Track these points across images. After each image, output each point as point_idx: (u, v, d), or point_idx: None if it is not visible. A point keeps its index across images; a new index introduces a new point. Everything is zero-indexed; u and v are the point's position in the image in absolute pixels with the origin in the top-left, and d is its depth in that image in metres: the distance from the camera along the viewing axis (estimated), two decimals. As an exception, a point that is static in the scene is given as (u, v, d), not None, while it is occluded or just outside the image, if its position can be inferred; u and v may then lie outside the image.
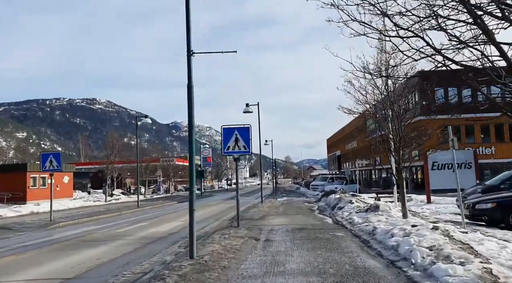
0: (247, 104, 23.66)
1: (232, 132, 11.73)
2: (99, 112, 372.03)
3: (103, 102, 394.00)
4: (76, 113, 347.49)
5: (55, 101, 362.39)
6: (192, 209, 7.24)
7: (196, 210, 20.10)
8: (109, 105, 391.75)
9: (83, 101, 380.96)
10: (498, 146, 38.55)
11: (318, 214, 16.74)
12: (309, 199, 31.33)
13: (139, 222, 16.08)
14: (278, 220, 14.03)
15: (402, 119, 12.60)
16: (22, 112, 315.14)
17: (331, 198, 20.30)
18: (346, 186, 39.24)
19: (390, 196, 22.59)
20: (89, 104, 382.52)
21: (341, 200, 17.57)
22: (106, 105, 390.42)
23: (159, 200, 36.56)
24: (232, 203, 29.27)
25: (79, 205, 27.14)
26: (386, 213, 12.73)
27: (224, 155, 11.89)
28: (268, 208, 19.88)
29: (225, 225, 13.53)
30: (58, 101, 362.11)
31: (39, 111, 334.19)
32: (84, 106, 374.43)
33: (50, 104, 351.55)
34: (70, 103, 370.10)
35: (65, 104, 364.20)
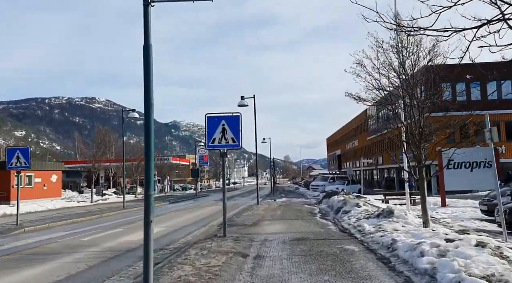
0: (242, 97, 21.62)
1: (218, 122, 9.69)
2: (98, 111, 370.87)
3: (102, 101, 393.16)
4: (75, 112, 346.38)
5: (54, 99, 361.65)
6: (149, 221, 5.13)
7: (186, 212, 17.89)
8: (108, 104, 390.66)
9: (82, 100, 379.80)
10: (508, 145, 36.55)
11: (320, 219, 14.69)
12: (309, 200, 29.28)
13: (115, 228, 14.01)
14: (274, 227, 11.98)
15: (423, 108, 10.49)
16: (21, 110, 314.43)
17: (334, 200, 18.25)
18: (348, 187, 37.16)
19: (399, 198, 20.56)
20: (88, 103, 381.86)
21: (346, 202, 15.52)
22: (105, 104, 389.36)
23: (150, 200, 34.43)
24: (228, 204, 27.17)
25: (60, 206, 25.06)
26: (402, 220, 10.68)
27: (209, 149, 9.79)
28: (264, 211, 17.83)
29: (212, 232, 11.49)
30: (57, 100, 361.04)
31: (38, 110, 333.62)
32: (83, 105, 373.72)
33: (49, 102, 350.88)
34: (69, 102, 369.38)
35: (64, 102, 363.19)
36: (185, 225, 14.17)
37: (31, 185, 36.90)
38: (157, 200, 34.52)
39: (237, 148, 9.68)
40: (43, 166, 40.45)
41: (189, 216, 17.54)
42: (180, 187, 78.79)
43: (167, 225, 14.37)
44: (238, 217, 15.18)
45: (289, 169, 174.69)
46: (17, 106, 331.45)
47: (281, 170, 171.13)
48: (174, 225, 14.38)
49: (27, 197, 34.13)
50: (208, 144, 9.58)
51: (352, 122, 69.91)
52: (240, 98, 21.69)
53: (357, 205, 14.37)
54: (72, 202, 28.47)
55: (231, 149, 9.96)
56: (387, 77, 11.09)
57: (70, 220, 17.08)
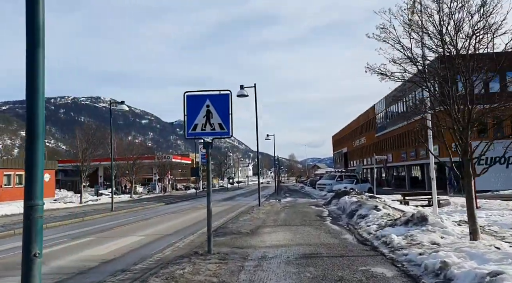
0: (242, 86, 19.32)
1: (201, 103, 7.40)
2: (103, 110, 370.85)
3: (107, 100, 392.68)
4: (80, 111, 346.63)
5: (59, 99, 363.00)
6: (31, 257, 2.79)
7: (178, 215, 15.53)
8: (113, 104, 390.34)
9: (88, 100, 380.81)
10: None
11: (331, 224, 12.36)
12: (316, 200, 26.92)
13: (86, 236, 11.75)
14: (276, 237, 9.65)
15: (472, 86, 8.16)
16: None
17: (346, 202, 15.90)
18: (357, 186, 34.79)
19: (419, 198, 18.16)
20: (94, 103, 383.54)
21: (362, 205, 13.15)
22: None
23: (147, 200, 32.29)
24: (227, 205, 25.03)
25: (42, 208, 22.84)
26: (440, 229, 8.33)
27: (189, 138, 7.47)
28: (265, 214, 15.50)
29: (198, 243, 9.21)
30: (63, 100, 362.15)
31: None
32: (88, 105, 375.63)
33: (55, 102, 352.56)
34: (75, 101, 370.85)
35: (69, 102, 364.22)
36: (170, 233, 11.89)
37: (21, 184, 34.86)
38: (154, 200, 32.35)
39: (226, 136, 7.36)
40: (35, 164, 38.33)
41: (179, 221, 15.26)
42: (182, 186, 76.77)
43: (147, 233, 12.10)
44: (234, 222, 12.86)
45: (294, 167, 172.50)
46: (23, 106, 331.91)
47: (286, 169, 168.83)
48: (156, 232, 12.10)
49: (17, 198, 32.05)
50: (187, 132, 7.28)
51: (359, 118, 67.38)
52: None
53: (375, 208, 12.01)
54: (58, 204, 26.28)
55: (219, 138, 7.65)
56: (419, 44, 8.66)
57: (44, 224, 14.85)
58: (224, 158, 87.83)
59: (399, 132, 45.94)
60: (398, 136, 46.76)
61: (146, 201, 30.93)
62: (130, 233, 11.94)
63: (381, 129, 53.52)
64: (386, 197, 20.94)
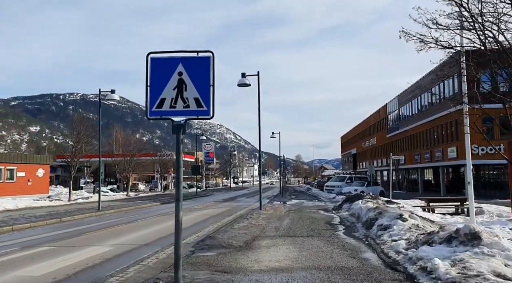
0: (243, 74, 17.14)
1: (171, 69, 5.19)
2: (112, 107, 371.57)
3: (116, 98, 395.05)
4: (89, 108, 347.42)
5: (68, 96, 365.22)
6: None
7: (167, 219, 13.04)
8: (122, 101, 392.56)
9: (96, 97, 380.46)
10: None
11: (345, 235, 10.13)
12: (324, 204, 24.67)
13: (42, 245, 9.60)
14: (276, 255, 7.44)
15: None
16: (36, 106, 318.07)
17: (361, 208, 13.63)
18: (368, 188, 32.36)
19: (445, 205, 15.80)
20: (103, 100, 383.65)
21: (383, 212, 10.86)
22: (119, 100, 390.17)
23: (143, 199, 30.21)
24: (225, 207, 22.72)
25: (22, 206, 20.84)
26: (500, 251, 6.06)
27: (152, 119, 5.20)
28: (266, 220, 13.27)
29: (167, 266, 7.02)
30: (72, 96, 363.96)
31: (52, 106, 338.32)
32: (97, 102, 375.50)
33: (64, 99, 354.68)
34: (83, 98, 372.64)
35: (78, 99, 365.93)
36: (148, 242, 9.72)
37: (12, 179, 33.02)
38: (150, 199, 30.29)
39: (205, 117, 5.12)
40: (28, 159, 36.52)
41: (165, 225, 13.08)
42: (187, 185, 74.91)
43: (121, 241, 9.93)
44: (227, 230, 10.63)
45: (301, 168, 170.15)
46: (32, 102, 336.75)
47: (292, 170, 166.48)
48: (132, 241, 9.93)
49: (7, 193, 30.19)
50: (150, 110, 5.06)
51: (370, 118, 64.83)
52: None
53: (400, 217, 9.72)
54: (43, 201, 24.27)
55: (195, 119, 5.40)
56: None
57: (6, 227, 12.80)
58: (230, 158, 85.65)
59: (412, 133, 43.44)
60: (411, 137, 44.23)
61: (141, 200, 28.87)
62: (99, 242, 9.78)
63: (393, 129, 51.01)
64: (403, 202, 18.62)
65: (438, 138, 36.54)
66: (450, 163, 33.95)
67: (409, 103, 44.75)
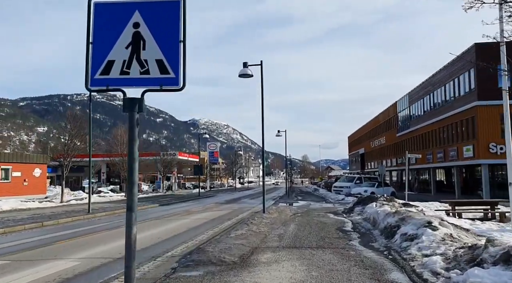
0: (245, 64, 15.54)
1: (122, 18, 3.58)
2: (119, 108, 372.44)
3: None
4: (96, 109, 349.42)
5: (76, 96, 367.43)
6: None
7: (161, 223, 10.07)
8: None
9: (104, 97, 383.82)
10: None
11: (362, 246, 8.49)
12: (333, 205, 23.02)
13: (1, 257, 8.08)
14: (278, 275, 5.81)
15: None
16: (43, 107, 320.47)
17: (378, 212, 11.95)
18: (379, 189, 30.65)
19: (473, 209, 14.04)
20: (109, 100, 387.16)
21: (406, 219, 9.17)
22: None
23: (141, 201, 28.71)
24: (227, 210, 20.88)
25: (8, 208, 19.38)
26: None
27: (92, 90, 3.58)
28: (269, 226, 11.65)
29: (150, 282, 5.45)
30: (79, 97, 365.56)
31: (60, 106, 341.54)
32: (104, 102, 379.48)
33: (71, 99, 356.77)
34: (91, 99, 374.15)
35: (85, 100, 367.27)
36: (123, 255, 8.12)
37: (7, 179, 31.75)
38: (149, 200, 28.81)
39: (173, 87, 3.51)
40: (25, 158, 35.24)
41: (154, 232, 11.50)
42: (191, 185, 73.59)
43: (94, 252, 8.36)
44: (220, 240, 8.98)
45: (307, 169, 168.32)
46: (40, 103, 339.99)
47: (299, 170, 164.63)
48: (106, 253, 8.34)
49: (1, 194, 28.93)
50: (91, 77, 3.48)
51: (378, 117, 62.90)
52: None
53: (429, 225, 8.04)
54: (32, 202, 22.82)
55: (158, 91, 3.79)
56: None
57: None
58: (235, 157, 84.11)
59: (424, 131, 41.51)
60: (422, 136, 42.28)
61: (139, 202, 27.34)
62: (68, 254, 8.21)
63: (403, 128, 49.11)
64: (421, 204, 16.89)
65: (452, 136, 34.62)
66: (466, 163, 32.01)
67: (421, 100, 42.86)
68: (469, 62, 31.51)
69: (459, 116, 32.73)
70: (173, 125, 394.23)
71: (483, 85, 29.73)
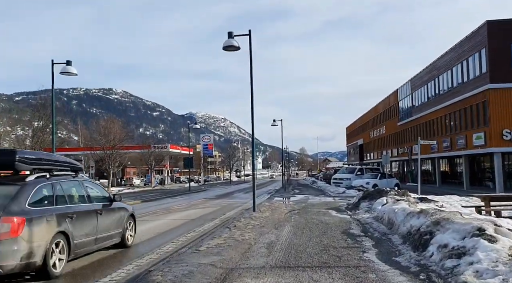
0: (230, 34, 12.97)
1: None
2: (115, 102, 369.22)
3: (119, 92, 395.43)
4: (92, 102, 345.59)
5: (72, 90, 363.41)
6: None
7: None
8: (125, 95, 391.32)
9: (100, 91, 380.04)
10: None
11: (381, 262, 6.02)
12: (333, 199, 20.61)
13: None
14: None
15: None
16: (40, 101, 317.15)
17: (394, 211, 9.47)
18: (382, 181, 28.29)
19: (506, 205, 11.56)
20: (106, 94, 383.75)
21: (441, 222, 6.65)
22: (122, 95, 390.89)
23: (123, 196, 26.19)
24: (214, 206, 17.52)
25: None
26: None
27: None
28: (256, 231, 9.12)
29: None
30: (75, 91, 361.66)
31: (56, 101, 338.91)
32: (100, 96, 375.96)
33: (67, 94, 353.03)
34: (87, 93, 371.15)
35: (81, 94, 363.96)
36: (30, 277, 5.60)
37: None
38: (132, 196, 26.38)
39: None
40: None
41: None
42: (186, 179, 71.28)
43: None
44: (183, 258, 6.41)
45: (305, 161, 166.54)
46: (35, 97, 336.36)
47: (296, 162, 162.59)
48: None
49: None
50: None
51: (378, 106, 60.41)
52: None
53: (481, 234, 5.56)
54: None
55: None
56: None
57: None
58: (229, 150, 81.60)
59: (428, 119, 39.03)
60: (426, 124, 39.81)
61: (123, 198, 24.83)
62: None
63: (405, 116, 46.65)
64: (438, 198, 14.43)
65: (460, 124, 32.15)
66: (476, 152, 29.60)
67: (424, 86, 40.34)
68: (479, 43, 29.14)
69: (468, 101, 30.26)
70: (170, 118, 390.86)
71: (495, 67, 27.24)
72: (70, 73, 15.60)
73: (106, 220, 7.18)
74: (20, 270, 5.21)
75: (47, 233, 5.51)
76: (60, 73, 15.72)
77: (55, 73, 15.76)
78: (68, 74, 15.61)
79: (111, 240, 7.42)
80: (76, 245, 6.12)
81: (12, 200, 5.37)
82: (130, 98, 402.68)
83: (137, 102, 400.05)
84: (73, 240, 6.03)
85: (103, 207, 7.25)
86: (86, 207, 6.76)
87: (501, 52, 27.28)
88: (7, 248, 5.01)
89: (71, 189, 6.64)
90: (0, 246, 4.99)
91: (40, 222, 5.46)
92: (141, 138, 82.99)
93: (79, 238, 6.24)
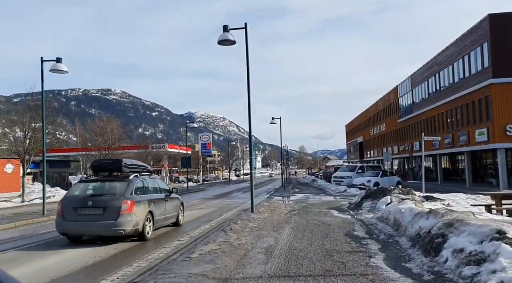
0: (226, 27, 12.37)
1: None
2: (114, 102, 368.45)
3: (118, 92, 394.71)
4: (91, 103, 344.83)
5: (70, 91, 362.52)
6: None
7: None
8: (124, 96, 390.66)
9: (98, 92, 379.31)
10: None
11: (391, 270, 5.46)
12: (334, 198, 20.08)
13: None
14: None
15: None
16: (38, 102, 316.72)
17: (401, 211, 8.92)
18: (384, 179, 27.76)
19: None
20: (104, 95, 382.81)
21: (454, 224, 6.12)
22: (121, 95, 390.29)
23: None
24: (211, 207, 16.31)
25: None
26: None
27: None
28: (254, 235, 8.56)
29: None
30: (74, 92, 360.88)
31: (54, 102, 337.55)
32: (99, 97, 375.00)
33: (66, 94, 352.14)
34: (85, 93, 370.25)
35: (80, 94, 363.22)
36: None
37: (-9, 176, 28.69)
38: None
39: None
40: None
41: (86, 251, 8.46)
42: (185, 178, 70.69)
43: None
44: (171, 267, 5.88)
45: (304, 160, 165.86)
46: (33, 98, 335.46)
47: (296, 161, 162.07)
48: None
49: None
50: None
51: (378, 103, 59.85)
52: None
53: (501, 237, 5.01)
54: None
55: None
56: None
57: None
58: (228, 149, 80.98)
59: (429, 115, 38.44)
60: (427, 120, 39.22)
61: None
62: None
63: (406, 113, 46.08)
64: (443, 197, 13.89)
65: (462, 119, 31.57)
66: (479, 148, 29.02)
67: (425, 82, 39.75)
68: (481, 37, 28.57)
69: (470, 96, 29.69)
70: (169, 118, 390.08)
71: (498, 61, 26.66)
72: (60, 70, 15.02)
73: (169, 206, 10.30)
74: (132, 233, 8.36)
75: (143, 211, 8.66)
76: (50, 71, 15.13)
77: (51, 72, 15.03)
78: (58, 72, 15.03)
79: (172, 220, 10.60)
80: (156, 220, 9.31)
81: (126, 190, 8.51)
82: (129, 99, 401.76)
83: (136, 102, 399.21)
84: (155, 217, 9.21)
85: (166, 196, 10.26)
86: (159, 196, 9.90)
87: (504, 46, 26.71)
88: (126, 219, 8.13)
89: (150, 184, 9.78)
90: (123, 217, 8.10)
91: (140, 204, 8.61)
92: (140, 138, 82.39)
93: (158, 216, 9.42)
